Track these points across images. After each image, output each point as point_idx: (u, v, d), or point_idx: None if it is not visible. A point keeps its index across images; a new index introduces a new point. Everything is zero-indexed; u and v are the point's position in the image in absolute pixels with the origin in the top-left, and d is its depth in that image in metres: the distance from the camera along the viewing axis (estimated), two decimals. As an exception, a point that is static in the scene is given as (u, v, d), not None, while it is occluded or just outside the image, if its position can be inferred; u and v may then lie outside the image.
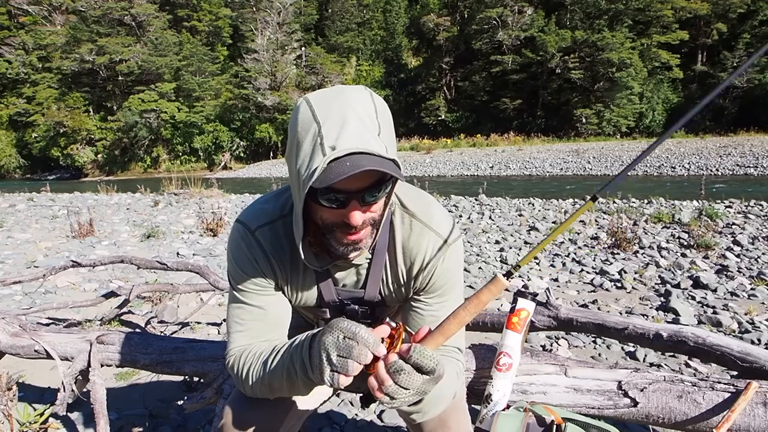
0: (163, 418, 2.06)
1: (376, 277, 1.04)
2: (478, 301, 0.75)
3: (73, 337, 1.87)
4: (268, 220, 1.01)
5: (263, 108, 38.37)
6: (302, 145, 0.80)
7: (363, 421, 2.03)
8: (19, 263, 5.15)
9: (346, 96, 0.82)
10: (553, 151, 27.19)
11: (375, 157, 0.76)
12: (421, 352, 0.73)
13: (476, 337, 2.66)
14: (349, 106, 0.80)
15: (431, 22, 39.75)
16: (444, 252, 1.01)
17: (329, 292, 1.06)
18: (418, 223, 1.01)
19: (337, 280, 1.05)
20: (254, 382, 0.97)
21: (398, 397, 0.74)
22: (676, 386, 1.35)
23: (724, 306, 3.41)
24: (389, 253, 1.03)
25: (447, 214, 1.06)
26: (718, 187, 12.79)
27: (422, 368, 0.73)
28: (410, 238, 1.01)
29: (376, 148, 0.77)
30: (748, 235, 5.73)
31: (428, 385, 0.76)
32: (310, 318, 1.20)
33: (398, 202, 1.02)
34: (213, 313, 3.45)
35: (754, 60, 0.74)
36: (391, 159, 0.79)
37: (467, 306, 0.76)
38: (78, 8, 39.15)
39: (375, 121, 0.82)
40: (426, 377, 0.75)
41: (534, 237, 6.15)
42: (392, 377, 0.73)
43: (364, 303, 1.07)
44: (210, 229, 6.72)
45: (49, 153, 39.78)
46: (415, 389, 0.74)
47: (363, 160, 0.75)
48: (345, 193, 0.81)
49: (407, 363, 0.73)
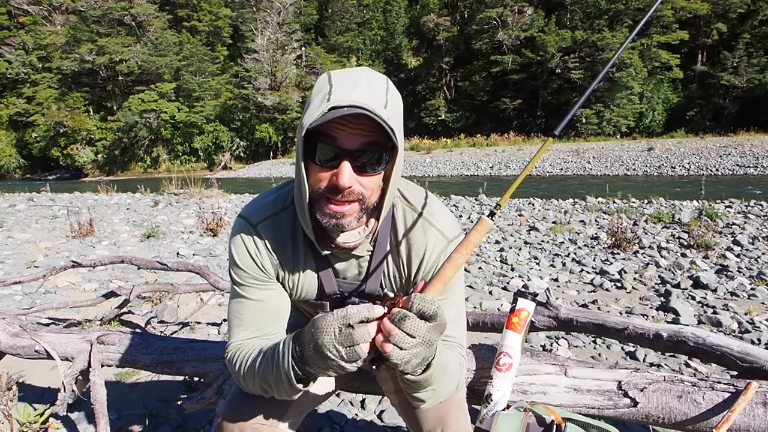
0: (163, 418, 2.06)
1: (377, 270, 1.04)
2: (469, 242, 0.79)
3: (74, 337, 1.87)
4: (270, 213, 1.02)
5: (263, 108, 38.38)
6: (312, 104, 0.85)
7: (363, 421, 2.04)
8: (19, 263, 5.15)
9: (365, 71, 0.89)
10: (553, 151, 27.18)
11: (375, 116, 0.80)
12: (422, 297, 0.75)
13: (476, 337, 2.66)
14: (363, 76, 0.86)
15: (431, 22, 39.75)
16: (446, 249, 1.01)
17: (330, 283, 1.06)
18: (421, 218, 1.02)
19: (338, 271, 1.06)
20: (247, 381, 0.98)
21: (406, 346, 0.75)
22: (676, 386, 1.35)
23: (724, 306, 3.41)
24: (391, 246, 1.03)
25: (449, 212, 1.07)
26: (719, 187, 12.79)
27: (425, 313, 0.75)
28: (413, 233, 1.02)
29: (379, 111, 0.81)
30: (748, 235, 5.74)
31: (433, 334, 0.77)
32: (311, 314, 1.20)
33: (401, 196, 1.03)
34: (213, 313, 3.45)
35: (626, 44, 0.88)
36: (391, 128, 0.82)
37: (459, 249, 0.80)
38: (78, 8, 39.15)
39: (384, 96, 0.86)
40: (430, 324, 0.76)
41: (534, 237, 6.15)
42: (397, 325, 0.74)
43: (365, 296, 1.07)
44: (210, 229, 6.72)
45: (49, 153, 39.79)
46: (422, 337, 0.75)
47: (361, 112, 0.79)
48: (340, 149, 0.84)
49: (410, 311, 0.75)
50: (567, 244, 5.72)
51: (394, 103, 0.88)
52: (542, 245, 5.67)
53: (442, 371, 0.91)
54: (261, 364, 0.92)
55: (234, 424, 1.03)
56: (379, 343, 0.75)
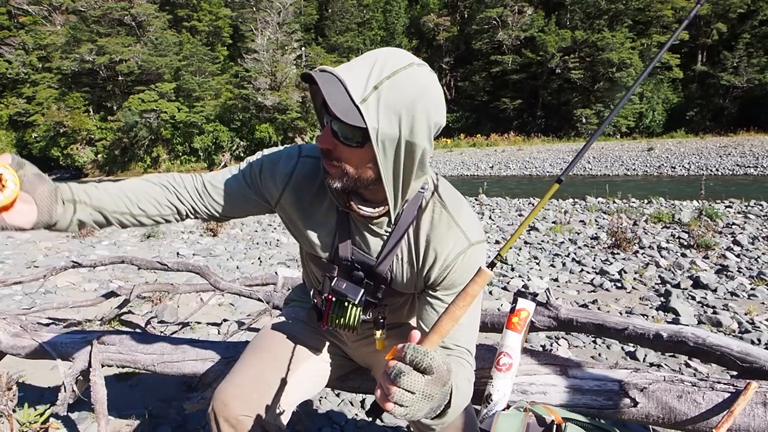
0: (163, 418, 2.06)
1: (391, 251, 1.03)
2: (467, 295, 0.75)
3: (74, 337, 1.87)
4: (316, 155, 1.06)
5: (263, 108, 38.36)
6: None
7: (363, 421, 2.04)
8: (19, 263, 5.15)
9: (392, 54, 0.86)
10: (553, 151, 27.19)
11: (336, 81, 0.82)
12: (415, 348, 0.70)
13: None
14: (382, 55, 0.86)
15: (431, 22, 39.73)
16: (466, 251, 1.00)
17: (345, 246, 1.06)
18: (447, 215, 1.01)
19: (355, 239, 1.06)
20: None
21: (407, 404, 0.70)
22: (676, 386, 1.35)
23: (724, 306, 3.41)
24: (412, 233, 1.02)
25: (478, 219, 1.06)
26: (719, 187, 12.79)
27: (418, 366, 0.70)
28: (437, 227, 1.01)
29: (348, 79, 0.82)
30: (748, 235, 5.74)
31: (432, 387, 0.72)
32: (318, 278, 1.20)
33: (434, 188, 1.03)
34: (213, 313, 3.45)
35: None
36: (358, 107, 0.81)
37: (457, 302, 0.75)
38: (78, 8, 39.11)
39: (380, 74, 0.83)
40: (428, 377, 0.71)
41: (534, 237, 6.15)
42: (395, 383, 0.70)
43: (374, 276, 1.07)
44: (210, 229, 6.72)
45: (49, 153, 39.75)
46: (421, 392, 0.71)
47: (322, 74, 0.83)
48: (328, 113, 0.86)
49: (404, 362, 0.70)
50: (567, 244, 5.72)
51: (398, 89, 0.83)
52: (542, 245, 5.67)
53: (456, 411, 0.87)
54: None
55: (222, 415, 1.06)
56: (380, 401, 0.72)
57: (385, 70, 0.83)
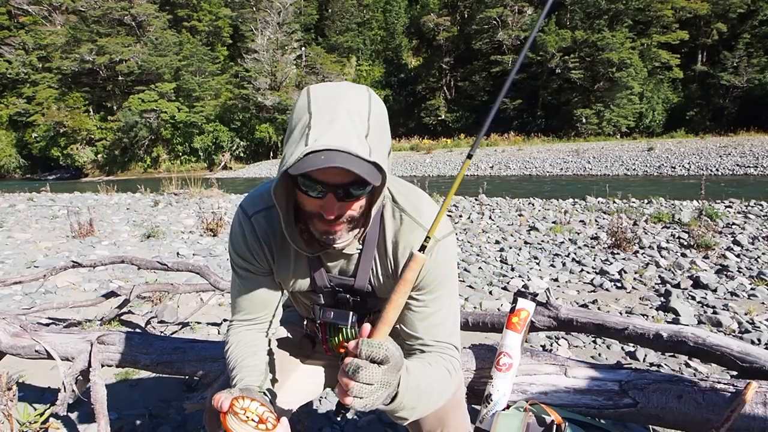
0: (163, 418, 2.06)
1: (365, 268, 1.05)
2: (405, 281, 0.82)
3: (74, 337, 1.87)
4: (264, 206, 1.05)
5: (263, 108, 38.37)
6: (293, 132, 0.85)
7: (363, 421, 2.04)
8: (19, 263, 5.15)
9: (344, 93, 0.85)
10: (553, 151, 27.19)
11: (353, 157, 0.79)
12: (368, 342, 0.75)
13: (476, 337, 2.66)
14: (342, 103, 0.83)
15: (431, 22, 39.74)
16: (432, 248, 1.00)
17: (321, 277, 1.08)
18: (408, 218, 1.01)
19: (328, 267, 1.07)
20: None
21: (365, 395, 0.75)
22: (676, 386, 1.35)
23: (724, 306, 3.41)
24: (379, 246, 1.04)
25: (436, 207, 1.06)
26: (718, 186, 12.79)
27: (374, 359, 0.75)
28: (400, 232, 1.02)
29: (357, 149, 0.79)
30: (748, 235, 5.73)
31: (389, 375, 0.77)
32: (307, 305, 1.21)
33: (390, 196, 1.03)
34: (213, 313, 3.45)
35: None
36: (373, 162, 0.81)
37: (397, 289, 0.81)
38: (78, 8, 39.12)
39: (366, 123, 0.84)
40: (384, 367, 0.76)
41: (534, 237, 6.15)
42: (353, 378, 0.74)
43: (355, 292, 1.09)
44: (210, 229, 6.72)
45: (49, 153, 39.76)
46: (378, 382, 0.75)
47: (338, 158, 0.78)
48: (323, 184, 0.84)
49: (360, 358, 0.74)
50: (567, 244, 5.72)
51: (378, 123, 0.86)
52: (542, 245, 5.67)
53: (414, 395, 0.89)
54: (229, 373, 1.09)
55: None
56: (340, 397, 0.75)
57: (358, 118, 0.83)
